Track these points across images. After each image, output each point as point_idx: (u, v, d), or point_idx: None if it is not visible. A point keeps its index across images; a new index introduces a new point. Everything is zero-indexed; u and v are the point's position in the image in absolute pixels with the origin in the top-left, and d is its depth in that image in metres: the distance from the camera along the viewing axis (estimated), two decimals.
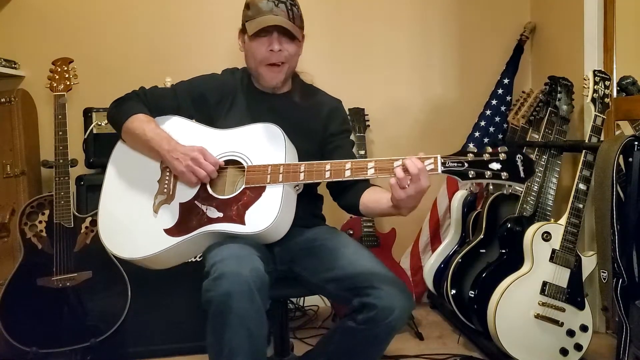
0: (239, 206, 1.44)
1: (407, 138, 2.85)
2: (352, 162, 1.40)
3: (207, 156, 1.48)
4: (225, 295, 1.26)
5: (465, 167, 1.29)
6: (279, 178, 1.44)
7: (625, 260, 1.82)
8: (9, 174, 2.31)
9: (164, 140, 1.51)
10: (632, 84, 2.19)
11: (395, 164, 1.35)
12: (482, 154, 1.29)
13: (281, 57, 1.59)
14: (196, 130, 1.59)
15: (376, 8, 2.81)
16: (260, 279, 1.31)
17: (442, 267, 2.50)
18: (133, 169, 1.59)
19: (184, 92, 1.64)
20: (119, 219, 1.54)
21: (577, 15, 2.40)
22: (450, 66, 2.88)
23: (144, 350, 2.16)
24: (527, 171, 1.27)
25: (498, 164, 1.28)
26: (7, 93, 2.38)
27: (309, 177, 1.43)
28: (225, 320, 1.27)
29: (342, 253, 1.51)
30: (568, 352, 1.97)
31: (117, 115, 1.59)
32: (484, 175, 1.28)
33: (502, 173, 1.27)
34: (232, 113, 1.63)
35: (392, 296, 1.37)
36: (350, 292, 1.43)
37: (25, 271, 2.03)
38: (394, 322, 1.37)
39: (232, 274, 1.28)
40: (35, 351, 1.97)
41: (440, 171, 1.31)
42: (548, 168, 2.26)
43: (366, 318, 1.38)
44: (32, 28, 2.59)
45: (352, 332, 1.43)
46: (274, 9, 1.55)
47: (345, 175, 1.39)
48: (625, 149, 1.84)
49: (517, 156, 1.28)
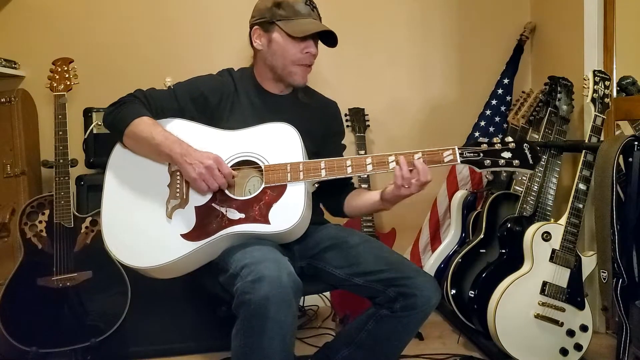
0: (261, 206, 1.44)
1: (407, 138, 2.85)
2: (372, 156, 1.47)
3: (222, 166, 1.45)
4: (264, 299, 1.25)
5: (481, 157, 1.41)
6: (299, 176, 1.45)
7: (625, 260, 1.82)
8: (9, 174, 2.31)
9: (176, 144, 1.46)
10: (632, 84, 2.19)
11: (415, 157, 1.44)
12: (495, 144, 1.42)
13: (313, 60, 1.64)
14: (203, 132, 1.56)
15: (376, 8, 2.81)
16: (296, 284, 1.32)
17: (442, 267, 2.50)
18: (136, 174, 1.54)
19: (184, 94, 1.61)
20: (129, 229, 1.48)
21: (577, 15, 2.40)
22: (450, 66, 2.88)
23: (144, 350, 2.16)
24: (535, 158, 1.40)
25: (509, 153, 1.41)
26: (7, 93, 2.38)
27: (330, 174, 1.46)
28: (262, 325, 1.27)
29: (366, 248, 1.59)
30: (568, 352, 1.97)
31: (118, 118, 1.53)
32: (498, 164, 1.40)
33: (514, 161, 1.40)
34: (235, 113, 1.62)
35: (429, 286, 1.49)
36: (382, 284, 1.51)
37: (26, 271, 2.03)
38: (429, 309, 1.49)
39: (272, 278, 1.27)
40: (35, 351, 1.97)
41: (460, 161, 1.42)
42: (548, 168, 2.26)
43: (404, 306, 1.48)
44: (32, 28, 2.59)
45: (388, 319, 1.52)
46: (311, 13, 1.60)
47: (367, 170, 1.47)
48: (625, 149, 1.84)
49: (525, 145, 1.42)
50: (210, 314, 2.15)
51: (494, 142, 1.42)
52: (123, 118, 1.52)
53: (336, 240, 1.62)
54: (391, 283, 1.50)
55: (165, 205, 1.48)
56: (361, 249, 1.58)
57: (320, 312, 2.69)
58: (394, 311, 1.50)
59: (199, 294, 2.15)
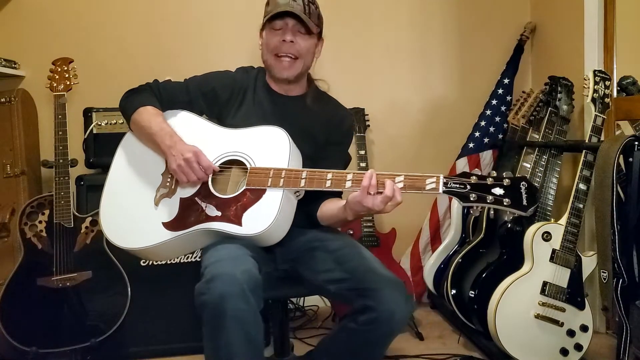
0: (238, 207, 1.45)
1: (407, 138, 2.85)
2: (353, 173, 1.41)
3: (200, 159, 1.48)
4: (219, 298, 1.26)
5: (467, 189, 1.29)
6: (279, 182, 1.44)
7: (625, 260, 1.82)
8: (9, 174, 2.31)
9: (167, 136, 1.52)
10: (632, 84, 2.19)
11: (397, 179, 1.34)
12: (486, 178, 1.29)
13: (292, 50, 1.59)
14: (203, 127, 1.61)
15: (376, 8, 2.81)
16: (253, 279, 1.31)
17: (442, 267, 2.50)
18: (139, 159, 1.61)
19: (196, 87, 1.66)
20: (120, 209, 1.55)
21: (577, 15, 2.40)
22: (450, 66, 2.88)
23: (144, 350, 2.16)
24: (530, 200, 1.26)
25: (501, 190, 1.27)
26: (7, 93, 2.38)
27: (309, 184, 1.43)
28: (222, 323, 1.27)
29: (344, 254, 1.52)
30: (568, 352, 1.97)
31: (128, 105, 1.62)
32: (486, 200, 1.27)
33: (505, 199, 1.27)
34: (241, 111, 1.65)
35: (393, 299, 1.38)
36: (352, 293, 1.43)
37: (25, 271, 2.03)
38: (394, 324, 1.39)
39: (224, 275, 1.28)
40: (35, 351, 1.97)
41: (442, 191, 1.31)
42: (548, 168, 2.26)
43: (367, 320, 1.39)
44: (32, 28, 2.59)
45: (354, 333, 1.43)
46: (290, 2, 1.56)
47: (346, 186, 1.40)
48: (625, 149, 1.84)
49: (522, 183, 1.28)
50: None
51: (486, 175, 1.29)
52: (131, 105, 1.60)
53: (317, 244, 1.58)
54: (359, 294, 1.41)
55: (155, 192, 1.55)
56: (339, 255, 1.52)
57: (320, 312, 2.69)
58: (358, 324, 1.41)
59: None
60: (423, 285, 2.62)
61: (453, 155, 2.77)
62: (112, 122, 2.28)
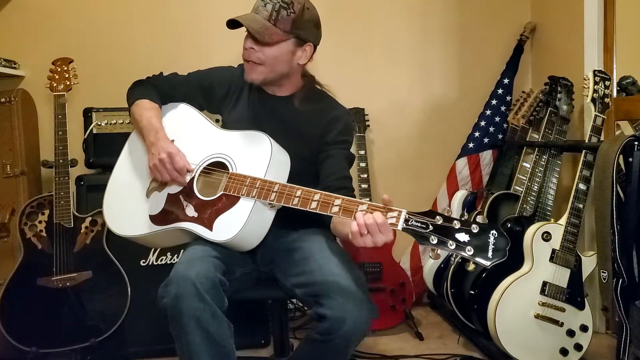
0: (213, 211, 1.45)
1: (407, 138, 2.85)
2: (321, 194, 1.33)
3: (174, 161, 1.49)
4: (175, 299, 1.30)
5: (428, 230, 1.16)
6: (252, 192, 1.42)
7: (625, 260, 1.82)
8: (9, 174, 2.31)
9: (152, 132, 1.56)
10: (632, 84, 2.19)
11: (359, 208, 1.25)
12: (452, 220, 1.16)
13: (253, 56, 1.55)
14: (198, 124, 1.63)
15: (376, 8, 2.81)
16: (208, 279, 1.33)
17: (442, 267, 2.50)
18: (140, 151, 1.64)
19: (196, 81, 1.69)
20: (119, 196, 1.63)
21: (577, 15, 2.40)
22: (450, 66, 2.88)
23: (144, 350, 2.16)
24: (497, 252, 1.14)
25: (467, 236, 1.14)
26: (7, 93, 2.38)
27: (278, 199, 1.39)
28: (180, 323, 1.31)
29: (314, 258, 1.47)
30: (568, 352, 1.97)
31: (129, 97, 1.68)
32: (446, 244, 1.14)
33: (467, 247, 1.14)
34: (236, 109, 1.66)
35: (343, 307, 1.32)
36: (311, 300, 1.40)
37: (25, 271, 2.03)
38: (347, 333, 1.32)
39: (178, 278, 1.32)
40: (35, 351, 1.97)
41: (400, 228, 1.19)
42: (548, 168, 2.26)
43: (322, 329, 1.34)
44: (32, 28, 2.59)
45: (314, 343, 1.39)
46: (259, 7, 1.54)
47: (311, 206, 1.33)
48: (625, 149, 1.84)
49: (491, 232, 1.15)
50: None
51: (454, 218, 1.16)
52: (132, 96, 1.67)
53: (293, 246, 1.55)
54: (315, 301, 1.37)
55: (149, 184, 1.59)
56: (309, 258, 1.47)
57: None
58: (318, 333, 1.36)
59: None
60: (423, 285, 2.62)
61: (453, 155, 2.77)
62: (112, 122, 2.28)
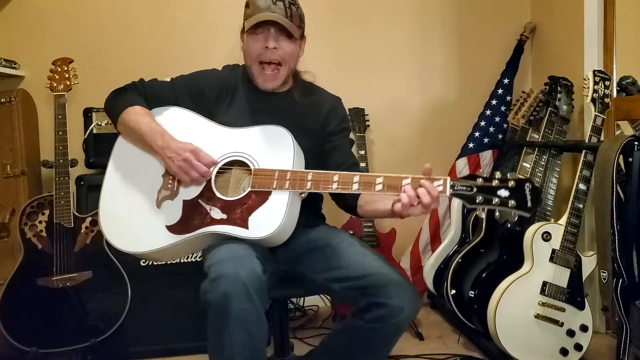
0: (244, 209, 1.43)
1: (407, 138, 2.85)
2: (360, 175, 1.38)
3: (200, 157, 1.45)
4: (223, 297, 1.27)
5: (473, 192, 1.29)
6: (285, 184, 1.42)
7: (625, 260, 1.82)
8: (9, 174, 2.31)
9: (158, 135, 1.49)
10: (632, 84, 2.19)
11: (403, 182, 1.32)
12: (492, 180, 1.29)
13: (275, 55, 1.57)
14: (199, 125, 1.57)
15: (376, 8, 2.81)
16: (257, 279, 1.31)
17: (442, 267, 2.50)
18: (136, 161, 1.56)
19: (183, 87, 1.63)
20: (122, 213, 1.51)
21: (577, 15, 2.40)
22: (450, 66, 2.88)
23: (144, 350, 2.16)
24: (534, 201, 1.27)
25: (506, 191, 1.28)
26: (7, 93, 2.38)
27: (315, 187, 1.40)
28: (225, 322, 1.28)
29: (347, 252, 1.51)
30: (568, 352, 1.97)
31: (114, 106, 1.57)
32: (492, 202, 1.27)
33: (510, 201, 1.27)
34: (231, 110, 1.63)
35: (402, 295, 1.39)
36: (357, 292, 1.43)
37: (25, 271, 2.03)
38: (402, 321, 1.40)
39: (229, 275, 1.28)
40: (35, 351, 1.97)
41: (449, 194, 1.30)
42: (548, 168, 2.26)
43: (375, 317, 1.40)
44: (32, 28, 2.59)
45: (360, 330, 1.44)
46: (271, 6, 1.54)
47: (353, 188, 1.38)
48: (625, 149, 1.84)
49: (526, 185, 1.28)
50: None
51: (492, 177, 1.30)
52: (117, 106, 1.56)
53: (318, 244, 1.58)
54: (364, 292, 1.42)
55: (157, 194, 1.51)
56: (342, 254, 1.51)
57: (320, 312, 2.69)
58: (365, 322, 1.42)
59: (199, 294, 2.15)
60: (423, 285, 2.62)
61: (453, 155, 2.77)
62: None
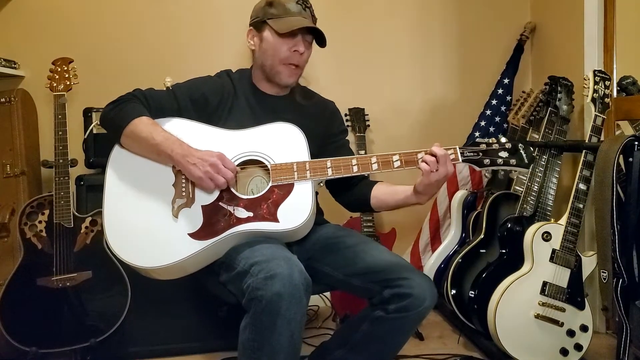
0: (269, 204, 1.46)
1: (407, 138, 2.85)
2: (377, 156, 1.50)
3: (226, 162, 1.45)
4: (277, 296, 1.28)
5: (480, 156, 1.48)
6: (307, 174, 1.48)
7: (625, 260, 1.82)
8: (9, 174, 2.31)
9: (176, 144, 1.46)
10: (632, 84, 2.19)
11: (419, 155, 1.49)
12: (492, 144, 1.49)
13: (302, 60, 1.64)
14: (207, 132, 1.56)
15: (376, 8, 2.81)
16: (307, 282, 1.35)
17: (442, 267, 2.50)
18: (138, 174, 1.52)
19: (184, 94, 1.60)
20: (134, 228, 1.46)
21: (577, 15, 2.40)
22: (450, 66, 2.88)
23: (144, 350, 2.16)
24: (529, 157, 1.48)
25: (506, 152, 1.48)
26: (7, 93, 2.38)
27: (337, 172, 1.49)
28: (272, 321, 1.29)
29: (363, 249, 1.59)
30: (568, 352, 1.97)
31: (117, 118, 1.51)
32: (497, 162, 1.48)
33: (511, 160, 1.47)
34: (233, 115, 1.62)
35: (423, 286, 1.48)
36: (379, 284, 1.51)
37: (25, 271, 2.03)
38: (424, 310, 1.47)
39: (284, 275, 1.29)
40: (35, 351, 1.97)
41: (461, 160, 1.47)
42: (548, 168, 2.26)
43: (398, 307, 1.46)
44: (32, 28, 2.59)
45: (382, 321, 1.50)
46: (302, 12, 1.60)
47: (372, 168, 1.50)
48: (625, 149, 1.84)
49: (519, 145, 1.49)
50: (211, 314, 2.15)
51: (491, 142, 1.49)
52: (123, 117, 1.50)
53: (333, 241, 1.63)
54: (387, 284, 1.49)
55: (170, 204, 1.48)
56: (359, 249, 1.58)
57: (321, 312, 2.69)
58: (388, 312, 1.49)
59: (199, 294, 2.15)
60: None
61: None
62: None
